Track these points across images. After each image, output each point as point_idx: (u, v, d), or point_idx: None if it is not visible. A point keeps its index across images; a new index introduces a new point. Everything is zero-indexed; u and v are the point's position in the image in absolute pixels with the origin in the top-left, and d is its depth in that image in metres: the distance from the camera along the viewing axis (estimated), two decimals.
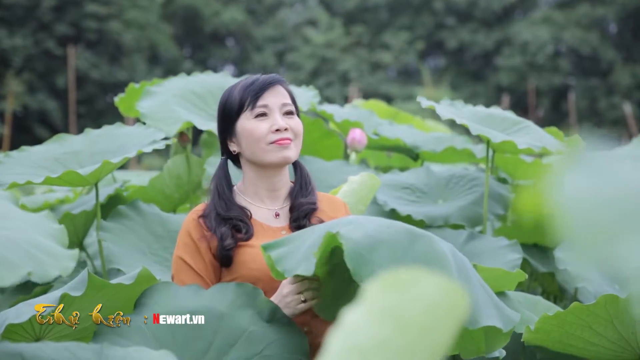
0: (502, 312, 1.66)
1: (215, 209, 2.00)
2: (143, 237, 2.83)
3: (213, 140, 3.95)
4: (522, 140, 2.81)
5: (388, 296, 0.89)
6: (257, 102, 2.00)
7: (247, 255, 1.95)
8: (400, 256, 1.51)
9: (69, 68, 13.09)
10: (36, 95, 18.73)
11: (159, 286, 1.81)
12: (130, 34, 20.62)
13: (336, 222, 1.66)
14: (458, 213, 3.24)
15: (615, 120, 21.47)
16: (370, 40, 24.27)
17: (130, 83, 3.89)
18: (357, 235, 1.52)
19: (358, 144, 3.75)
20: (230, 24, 23.68)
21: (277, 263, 1.64)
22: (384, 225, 1.59)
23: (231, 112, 2.03)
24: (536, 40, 22.15)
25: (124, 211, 2.87)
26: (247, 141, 2.01)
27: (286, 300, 1.82)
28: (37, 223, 1.52)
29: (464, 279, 1.56)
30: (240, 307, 1.76)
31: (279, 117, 2.01)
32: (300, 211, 2.04)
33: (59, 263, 1.41)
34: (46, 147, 2.88)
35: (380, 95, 19.36)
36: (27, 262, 1.36)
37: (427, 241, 1.57)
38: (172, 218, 2.98)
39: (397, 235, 1.56)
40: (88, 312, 1.87)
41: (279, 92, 2.04)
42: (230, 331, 1.72)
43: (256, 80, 2.02)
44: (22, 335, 1.86)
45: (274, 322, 1.76)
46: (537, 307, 2.48)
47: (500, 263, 2.74)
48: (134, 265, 2.63)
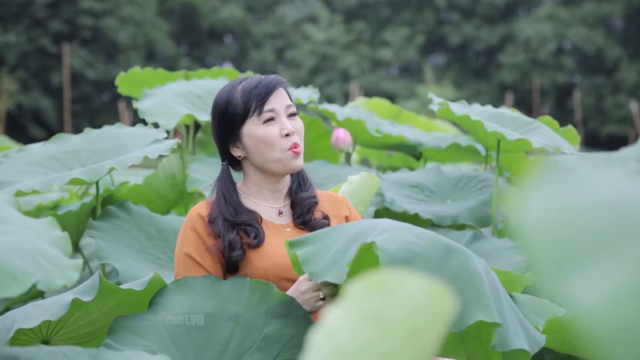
0: (528, 332, 1.67)
1: (222, 215, 1.99)
2: (134, 236, 2.86)
3: (208, 139, 3.96)
4: (536, 139, 2.81)
5: (372, 298, 0.88)
6: (264, 107, 2.00)
7: (254, 254, 1.95)
8: (436, 272, 1.51)
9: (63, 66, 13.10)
10: (30, 94, 18.75)
11: (173, 285, 1.80)
12: (126, 31, 20.63)
13: (368, 226, 1.65)
14: (467, 213, 3.25)
15: (621, 118, 21.49)
16: (372, 37, 24.29)
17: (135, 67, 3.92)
18: (394, 247, 1.51)
19: (342, 144, 3.76)
20: (229, 21, 23.70)
21: (305, 264, 1.62)
22: (418, 236, 1.58)
23: (234, 117, 2.02)
24: (540, 37, 22.16)
25: (113, 211, 2.88)
26: (258, 148, 2.01)
27: (304, 297, 1.82)
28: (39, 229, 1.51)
29: (496, 299, 1.56)
30: (255, 305, 1.76)
31: (286, 121, 2.01)
32: (303, 206, 2.05)
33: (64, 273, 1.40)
34: (46, 146, 2.89)
35: (381, 93, 19.36)
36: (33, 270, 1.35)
37: (462, 257, 1.57)
38: (162, 219, 3.01)
39: (433, 249, 1.56)
40: (97, 316, 1.87)
41: (282, 94, 2.04)
42: (246, 333, 1.73)
43: (258, 83, 2.01)
44: (29, 337, 1.85)
45: (289, 318, 1.75)
46: (544, 310, 2.47)
47: (505, 265, 2.74)
48: (125, 262, 2.66)
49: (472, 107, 3.16)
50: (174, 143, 2.69)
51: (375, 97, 5.50)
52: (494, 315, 1.48)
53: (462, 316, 1.46)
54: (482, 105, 3.28)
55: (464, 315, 1.47)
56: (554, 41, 22.29)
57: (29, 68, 19.08)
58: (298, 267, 1.67)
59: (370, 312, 0.88)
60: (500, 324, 1.49)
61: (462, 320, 1.46)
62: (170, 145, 2.65)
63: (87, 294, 1.82)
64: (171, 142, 2.69)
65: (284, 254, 1.93)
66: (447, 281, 1.50)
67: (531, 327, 1.71)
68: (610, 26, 23.71)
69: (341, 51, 23.20)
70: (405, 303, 0.88)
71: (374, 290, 0.88)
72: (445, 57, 26.00)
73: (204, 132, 4.01)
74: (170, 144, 2.66)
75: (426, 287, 0.89)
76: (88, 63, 19.98)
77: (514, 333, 1.59)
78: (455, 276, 1.52)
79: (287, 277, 1.92)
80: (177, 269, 1.97)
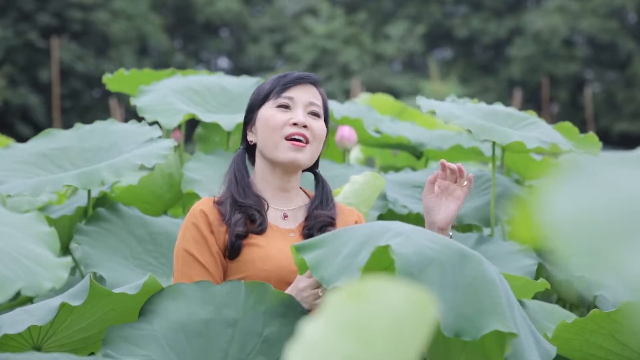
0: (540, 344, 1.67)
1: (231, 196, 2.01)
2: (124, 241, 2.83)
3: (208, 134, 3.96)
4: (531, 138, 2.79)
5: (351, 308, 0.87)
6: (284, 93, 2.03)
7: (256, 254, 1.96)
8: (450, 278, 1.51)
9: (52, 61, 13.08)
10: (18, 90, 18.72)
11: (165, 291, 1.79)
12: (117, 24, 20.60)
13: (379, 229, 1.64)
14: (472, 214, 3.26)
15: (634, 113, 21.46)
16: (374, 31, 24.27)
17: (121, 68, 3.91)
18: (409, 251, 1.51)
19: (347, 142, 3.77)
20: (225, 14, 23.67)
21: (314, 269, 1.59)
22: (433, 241, 1.58)
23: (257, 99, 2.08)
24: (550, 30, 22.13)
25: (103, 214, 2.85)
26: (262, 130, 2.04)
27: (303, 294, 1.83)
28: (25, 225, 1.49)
29: (510, 308, 1.55)
30: (253, 308, 1.77)
31: (300, 113, 2.03)
32: (317, 222, 2.05)
33: (51, 273, 1.38)
34: (33, 142, 2.87)
35: (384, 89, 19.35)
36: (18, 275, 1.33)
37: (477, 264, 1.57)
38: (155, 221, 2.98)
39: (447, 254, 1.55)
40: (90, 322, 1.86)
41: (311, 90, 2.07)
42: (246, 338, 1.73)
43: (291, 74, 2.05)
44: (19, 343, 1.85)
45: (288, 317, 1.76)
46: (553, 316, 2.48)
47: (513, 269, 2.73)
48: (113, 269, 2.63)
49: (465, 105, 3.12)
50: (171, 144, 2.66)
51: (378, 93, 5.50)
52: (510, 325, 1.47)
53: (477, 325, 1.45)
54: (489, 103, 3.28)
55: (479, 324, 1.45)
56: (564, 34, 22.26)
57: (16, 63, 19.05)
58: (304, 271, 1.67)
59: (350, 322, 0.87)
60: (517, 335, 1.48)
61: (477, 329, 1.45)
62: (168, 147, 2.62)
63: (76, 298, 1.80)
64: (168, 142, 2.67)
65: (286, 257, 1.94)
66: (462, 288, 1.50)
67: (542, 338, 1.71)
68: (623, 19, 23.68)
69: (342, 45, 23.17)
70: (386, 312, 0.88)
71: (353, 299, 0.87)
72: (451, 52, 25.97)
73: (204, 126, 4.01)
74: (167, 146, 2.63)
75: (407, 295, 0.88)
76: (78, 57, 19.95)
77: (527, 344, 1.58)
78: (471, 283, 1.52)
79: (290, 280, 1.93)
80: (176, 265, 1.98)
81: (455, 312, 1.45)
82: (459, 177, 2.04)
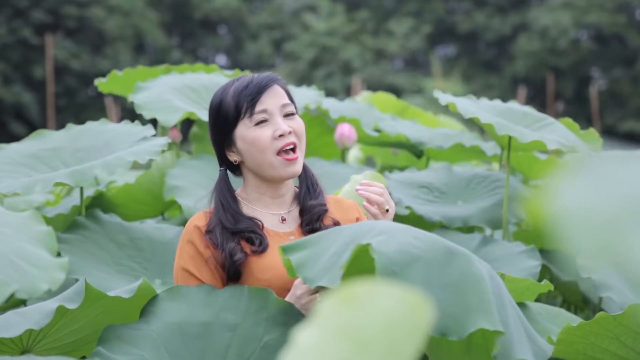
0: (534, 343, 1.66)
1: (220, 223, 1.99)
2: (104, 247, 2.83)
3: (204, 133, 3.95)
4: (551, 140, 2.78)
5: (344, 313, 0.87)
6: (255, 108, 1.99)
7: (255, 265, 1.96)
8: (436, 277, 1.50)
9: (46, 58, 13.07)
10: (11, 88, 18.72)
11: (167, 293, 1.80)
12: (113, 20, 20.61)
13: (364, 228, 1.64)
14: (479, 215, 3.25)
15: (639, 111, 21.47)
16: (375, 28, 24.26)
17: (114, 71, 3.89)
18: (390, 250, 1.50)
19: (347, 140, 3.77)
20: (223, 10, 23.67)
21: (299, 269, 1.61)
22: (418, 238, 1.58)
23: (227, 120, 2.01)
24: (556, 27, 22.13)
25: (82, 222, 2.86)
26: (250, 152, 2.00)
27: (301, 302, 1.83)
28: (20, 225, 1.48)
29: (500, 305, 1.54)
30: (254, 314, 1.77)
31: (280, 121, 2.00)
32: (312, 214, 2.04)
33: (47, 275, 1.37)
34: (25, 143, 2.87)
35: (385, 86, 19.34)
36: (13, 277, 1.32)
37: (464, 261, 1.56)
38: (136, 227, 2.98)
39: (433, 252, 1.54)
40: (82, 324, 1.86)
41: (277, 92, 2.02)
42: (245, 343, 1.74)
43: (250, 82, 2.00)
44: (8, 347, 1.84)
45: (289, 326, 1.76)
46: (558, 319, 2.48)
47: (517, 270, 2.73)
48: (95, 276, 2.64)
49: (480, 102, 3.14)
50: (165, 141, 2.66)
51: (380, 91, 5.50)
52: (495, 323, 1.46)
53: (463, 323, 1.45)
54: (490, 100, 3.27)
55: (465, 322, 1.45)
56: (570, 31, 22.26)
57: (9, 60, 19.05)
58: (292, 272, 1.67)
59: (343, 327, 0.87)
60: (502, 332, 1.47)
61: (462, 328, 1.44)
62: (162, 145, 2.61)
63: (72, 301, 1.81)
64: (161, 140, 2.66)
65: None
66: (448, 286, 1.49)
67: (538, 337, 1.70)
68: (630, 14, 23.68)
69: (343, 42, 23.17)
70: (380, 316, 0.88)
71: (346, 304, 0.87)
72: (454, 49, 25.97)
73: (199, 125, 4.01)
74: (160, 144, 2.63)
75: (401, 297, 0.88)
76: (73, 54, 19.95)
77: (518, 343, 1.58)
78: (457, 281, 1.51)
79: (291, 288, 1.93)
80: (176, 283, 1.98)
81: (441, 311, 1.44)
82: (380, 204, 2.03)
